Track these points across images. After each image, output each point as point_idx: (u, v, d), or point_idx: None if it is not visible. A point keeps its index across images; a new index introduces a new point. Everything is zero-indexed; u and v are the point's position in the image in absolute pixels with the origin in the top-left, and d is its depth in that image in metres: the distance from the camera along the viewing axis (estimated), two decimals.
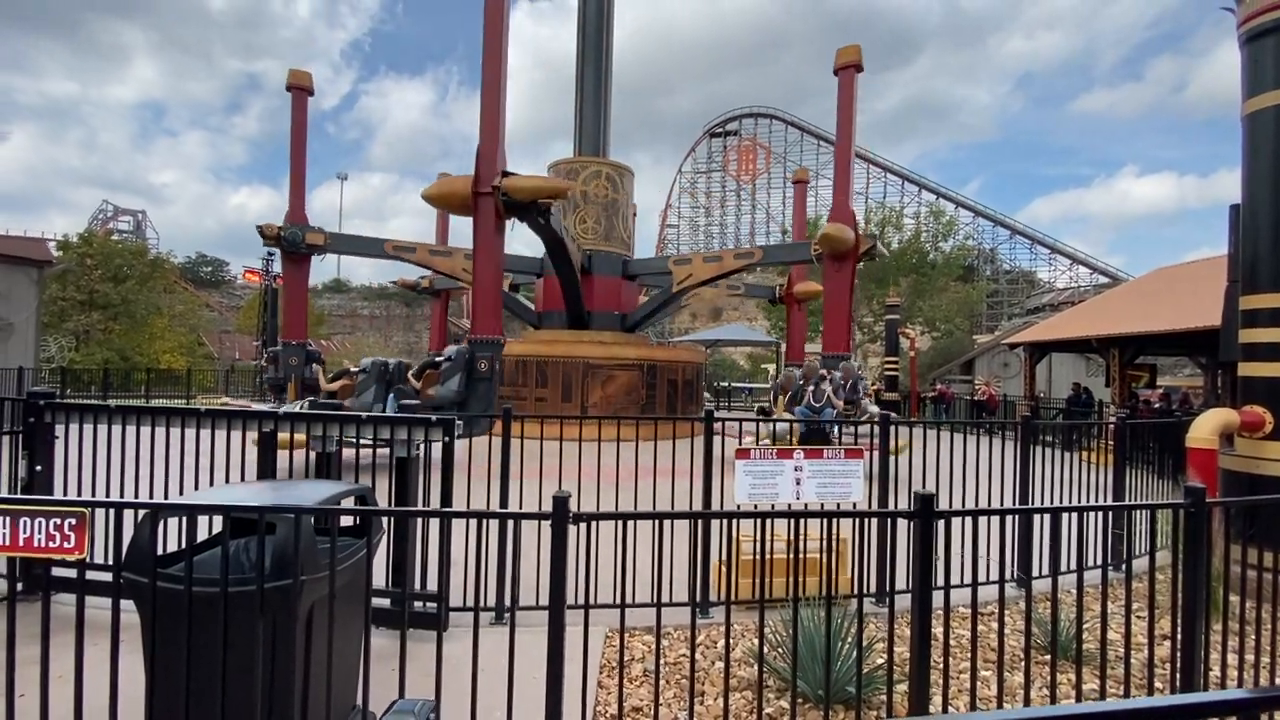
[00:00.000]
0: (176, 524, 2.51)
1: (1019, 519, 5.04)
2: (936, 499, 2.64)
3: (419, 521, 4.05)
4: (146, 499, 4.15)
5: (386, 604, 4.13)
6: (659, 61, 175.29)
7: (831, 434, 9.72)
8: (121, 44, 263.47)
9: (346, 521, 3.06)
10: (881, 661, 3.60)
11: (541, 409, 14.12)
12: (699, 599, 4.42)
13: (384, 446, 4.34)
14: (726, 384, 34.87)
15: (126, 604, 2.36)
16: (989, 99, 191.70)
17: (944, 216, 45.76)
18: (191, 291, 57.32)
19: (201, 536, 2.66)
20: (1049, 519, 2.97)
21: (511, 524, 3.79)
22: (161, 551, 2.38)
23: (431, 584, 4.05)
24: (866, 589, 4.49)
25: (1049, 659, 3.39)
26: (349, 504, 2.89)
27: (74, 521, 2.22)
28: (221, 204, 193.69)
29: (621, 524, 2.66)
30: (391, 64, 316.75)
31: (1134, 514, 5.75)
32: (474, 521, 2.66)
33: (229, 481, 4.60)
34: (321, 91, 16.24)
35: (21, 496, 3.66)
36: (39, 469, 4.47)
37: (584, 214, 16.86)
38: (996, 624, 2.97)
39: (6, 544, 2.22)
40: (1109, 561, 4.25)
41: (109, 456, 4.53)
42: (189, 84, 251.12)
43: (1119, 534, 5.51)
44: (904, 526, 2.75)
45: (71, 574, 3.75)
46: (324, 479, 4.36)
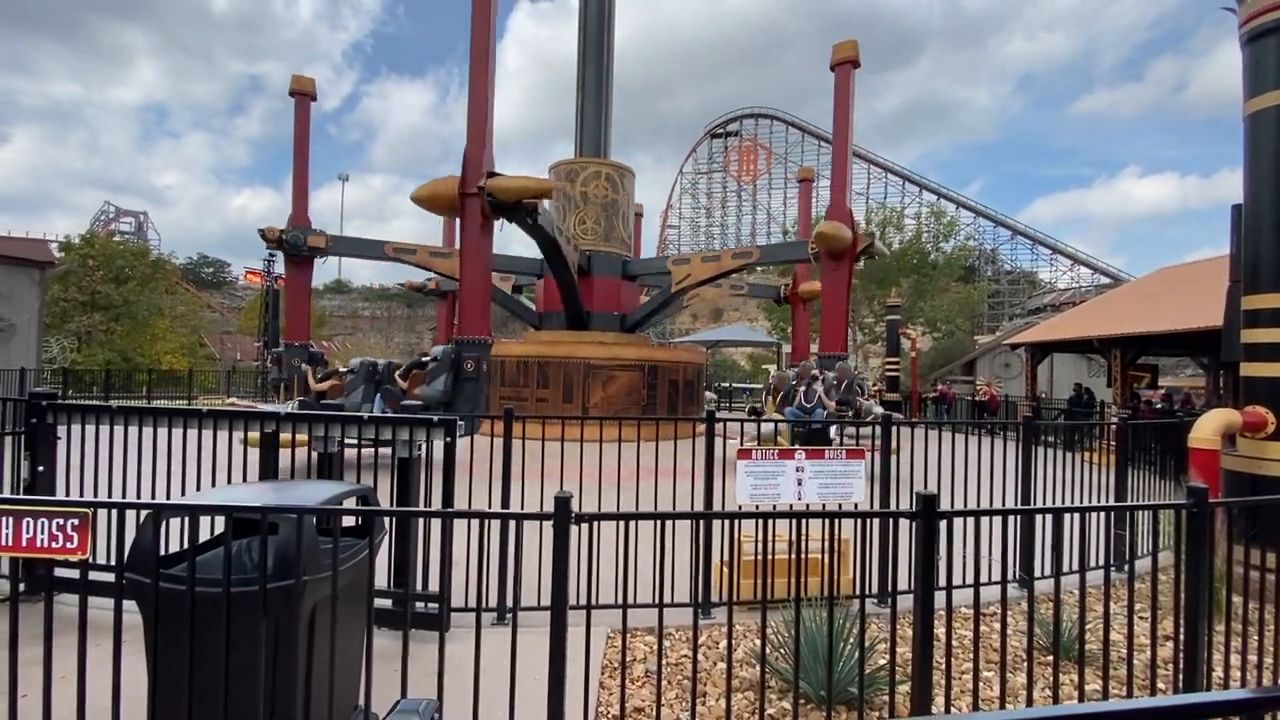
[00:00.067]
0: (179, 524, 2.51)
1: (1021, 519, 5.04)
2: (938, 499, 2.64)
3: (420, 522, 4.05)
4: (149, 499, 4.18)
5: (388, 604, 4.13)
6: (660, 62, 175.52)
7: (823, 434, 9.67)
8: (123, 46, 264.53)
9: (348, 522, 3.06)
10: (883, 662, 3.59)
11: (542, 409, 14.11)
12: (701, 600, 4.42)
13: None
14: (728, 384, 34.86)
15: (129, 604, 2.35)
16: (990, 99, 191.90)
17: (945, 217, 45.79)
18: (193, 293, 57.39)
19: (204, 537, 2.67)
20: (1051, 519, 2.96)
21: (513, 524, 3.80)
22: (164, 552, 2.39)
23: (433, 585, 4.05)
24: (868, 589, 4.50)
25: (1051, 660, 3.39)
26: (351, 504, 2.89)
27: (76, 522, 2.22)
28: (223, 205, 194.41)
29: (623, 524, 2.66)
30: (393, 65, 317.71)
31: (1136, 514, 5.74)
32: (475, 522, 2.66)
33: (231, 482, 4.61)
34: (323, 93, 16.44)
35: (24, 497, 3.67)
36: (41, 469, 4.47)
37: (584, 215, 16.86)
38: (999, 624, 2.96)
39: (9, 544, 2.23)
40: (1111, 562, 4.24)
41: (111, 457, 4.53)
42: (191, 86, 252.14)
43: (1121, 534, 5.51)
44: (906, 527, 2.75)
45: (74, 574, 3.75)
46: (326, 479, 4.36)
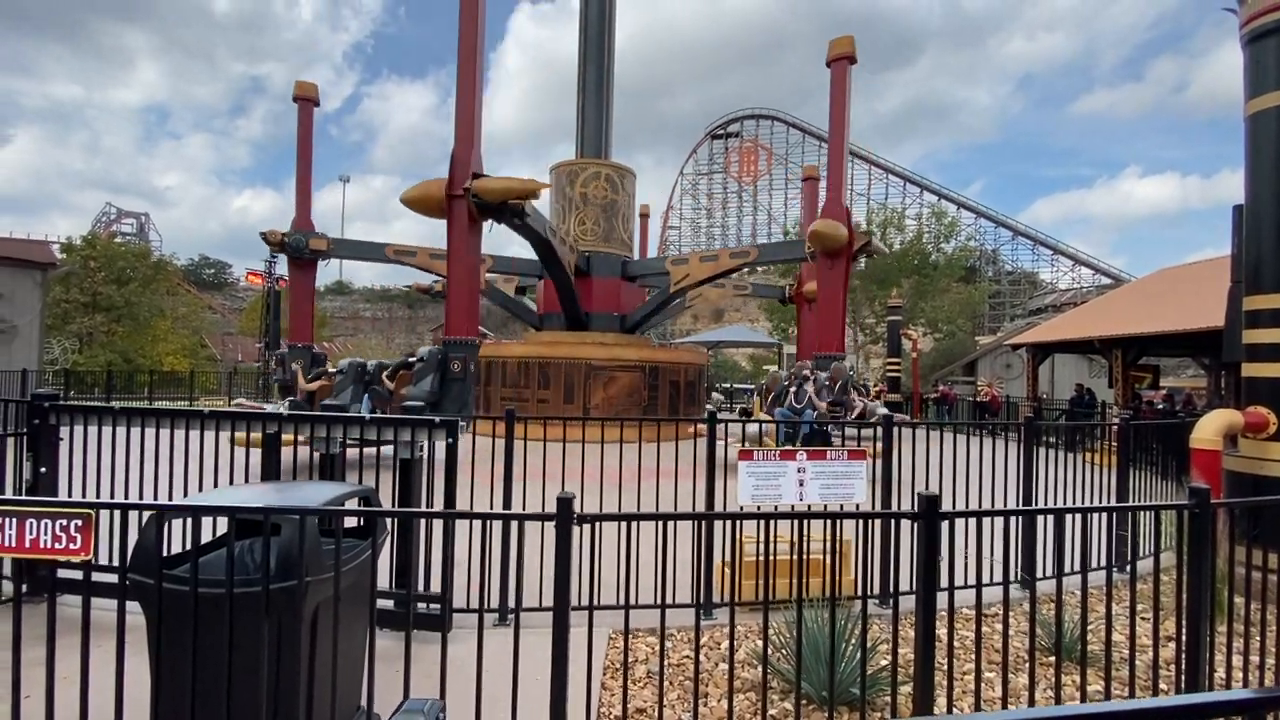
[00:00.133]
0: (181, 525, 2.52)
1: (1023, 520, 5.03)
2: (940, 500, 2.64)
3: (422, 523, 4.05)
4: (151, 500, 4.18)
5: (390, 605, 4.13)
6: (661, 62, 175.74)
7: (815, 435, 9.63)
8: (125, 47, 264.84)
9: (351, 522, 3.06)
10: (885, 663, 3.59)
11: (543, 410, 14.12)
12: (703, 600, 4.42)
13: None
14: (729, 385, 34.85)
15: (132, 605, 2.36)
16: (990, 100, 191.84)
17: (946, 218, 45.77)
18: (194, 294, 57.49)
19: (206, 538, 2.67)
20: (1053, 520, 2.96)
21: (515, 525, 3.80)
22: (167, 553, 2.39)
23: (435, 585, 4.05)
24: (870, 590, 4.50)
25: (1054, 660, 3.38)
26: (353, 505, 2.90)
27: (80, 523, 2.23)
28: (224, 206, 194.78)
29: (625, 525, 2.66)
30: (394, 67, 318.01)
31: (1138, 515, 5.73)
32: (477, 523, 2.66)
33: (233, 483, 4.62)
34: (324, 94, 16.43)
35: (27, 498, 3.67)
36: (43, 471, 4.48)
37: (583, 216, 16.89)
38: (1001, 625, 2.96)
39: (13, 545, 2.23)
40: (1113, 563, 4.24)
41: (113, 458, 4.54)
42: (193, 87, 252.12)
43: (1123, 535, 5.50)
44: (908, 528, 2.75)
45: (77, 575, 3.76)
46: (328, 480, 4.36)
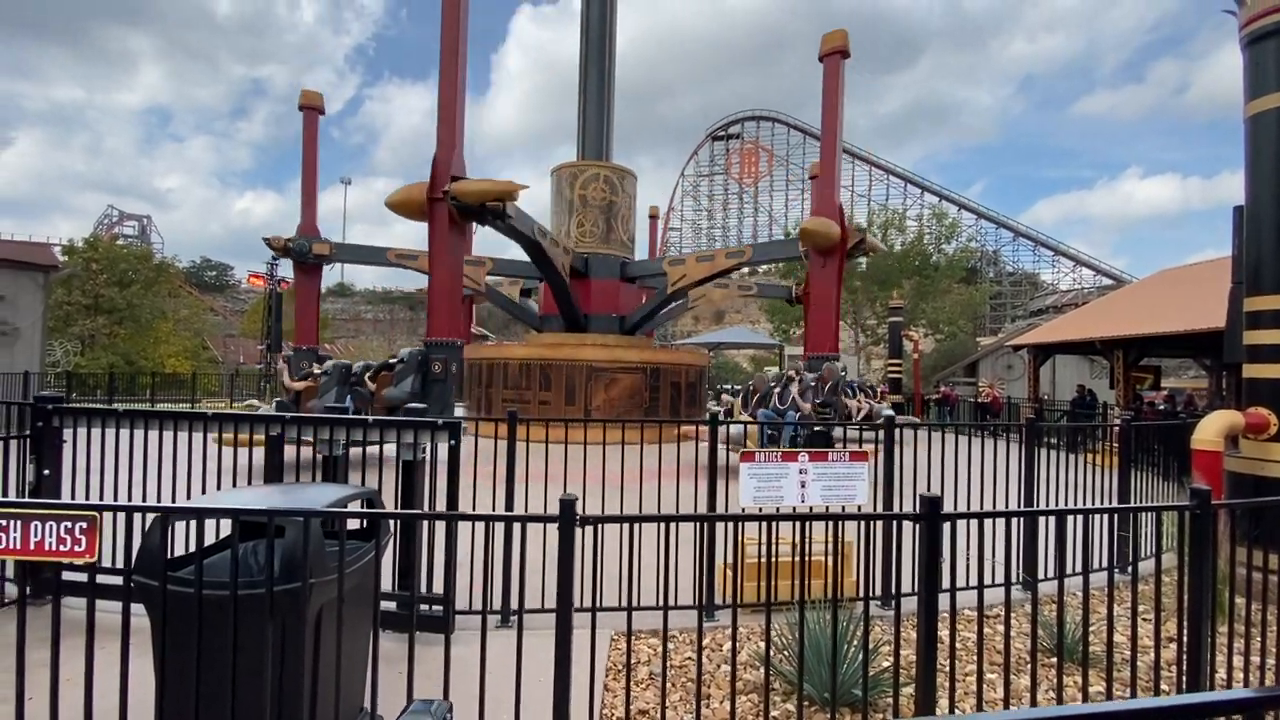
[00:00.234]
0: (185, 527, 2.53)
1: (1024, 521, 5.04)
2: (941, 502, 2.65)
3: (425, 524, 4.06)
4: (155, 503, 4.19)
5: (393, 607, 4.14)
6: (661, 64, 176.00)
7: (797, 436, 9.59)
8: (127, 50, 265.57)
9: (354, 524, 3.07)
10: (887, 664, 3.60)
11: (545, 412, 14.13)
12: (705, 602, 4.42)
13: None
14: (730, 386, 34.81)
15: (136, 607, 2.37)
16: (991, 101, 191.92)
17: (946, 219, 45.75)
18: (196, 296, 57.57)
19: (210, 540, 2.68)
20: (1054, 521, 2.97)
21: (518, 527, 3.81)
22: (171, 555, 2.40)
23: (437, 587, 4.05)
24: (872, 592, 4.50)
25: (1055, 662, 3.39)
26: (356, 508, 2.91)
27: (85, 525, 2.24)
28: (226, 209, 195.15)
29: (627, 527, 2.67)
30: (395, 69, 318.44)
31: (1139, 516, 5.73)
32: (480, 524, 2.67)
33: (236, 485, 4.63)
34: (326, 96, 16.60)
35: (32, 500, 3.69)
36: (46, 473, 4.49)
37: (582, 217, 16.95)
38: (1003, 626, 2.97)
39: (18, 547, 2.24)
40: (1115, 564, 4.24)
41: (116, 461, 4.55)
42: (194, 89, 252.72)
43: (1124, 536, 5.50)
44: (910, 529, 2.76)
45: (80, 578, 3.77)
46: (330, 482, 4.37)
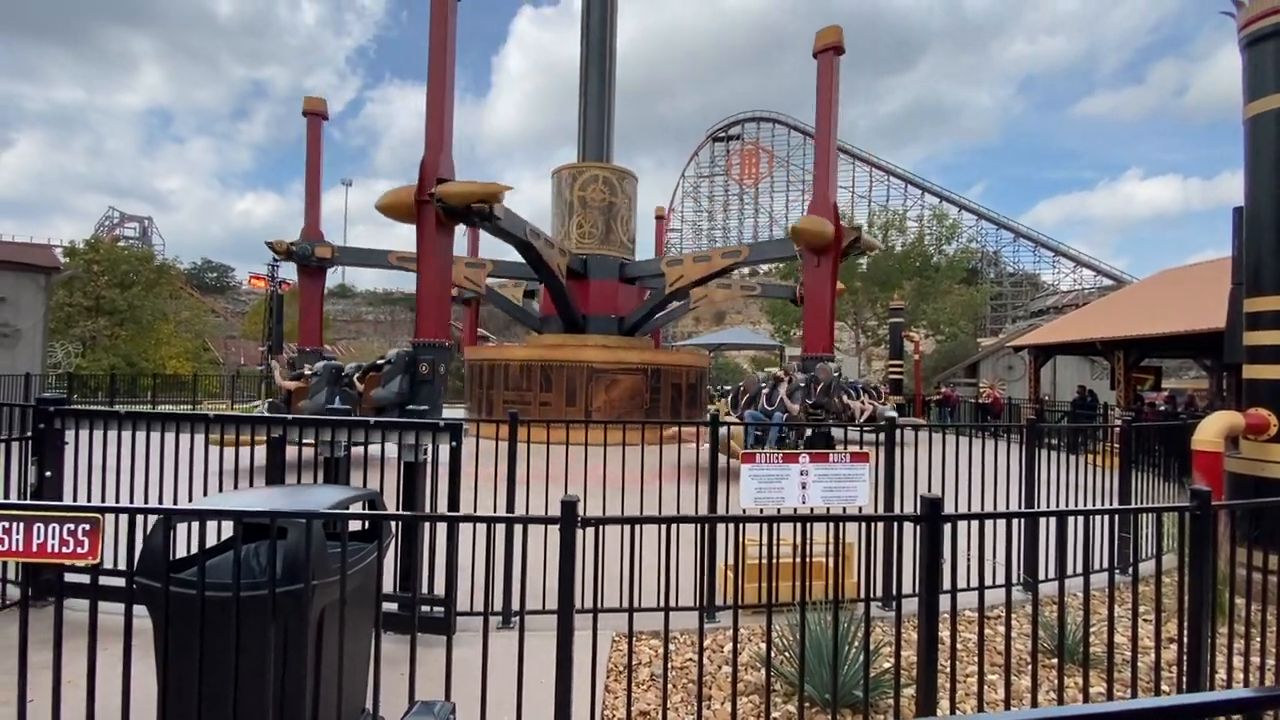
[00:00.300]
0: (187, 529, 2.53)
1: (1025, 522, 5.04)
2: (942, 503, 2.65)
3: (426, 526, 4.07)
4: (157, 504, 4.20)
5: (394, 608, 4.15)
6: (662, 64, 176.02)
7: (785, 437, 9.55)
8: (129, 51, 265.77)
9: (355, 525, 3.08)
10: (888, 665, 3.60)
11: (546, 413, 14.14)
12: (706, 604, 4.42)
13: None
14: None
15: (138, 609, 2.38)
16: (991, 102, 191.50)
17: (947, 220, 45.75)
18: (197, 297, 57.60)
19: (212, 541, 2.69)
20: (1055, 522, 2.97)
21: (519, 528, 3.81)
22: (173, 557, 2.41)
23: (439, 588, 4.06)
24: (873, 593, 4.50)
25: (1056, 663, 3.39)
26: (358, 509, 2.91)
27: (88, 527, 2.24)
28: (227, 210, 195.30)
29: (628, 528, 2.67)
30: (396, 70, 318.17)
31: (1140, 517, 5.73)
32: (481, 526, 2.67)
33: (238, 486, 4.64)
34: (327, 98, 16.85)
35: (35, 503, 3.70)
36: (49, 475, 4.50)
37: (581, 219, 17.01)
38: (1003, 627, 2.97)
39: (20, 550, 2.25)
40: (1115, 565, 4.24)
41: (119, 462, 4.56)
42: (196, 91, 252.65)
43: (1125, 537, 5.50)
44: (910, 530, 2.76)
45: (82, 579, 3.78)
46: (332, 484, 4.38)
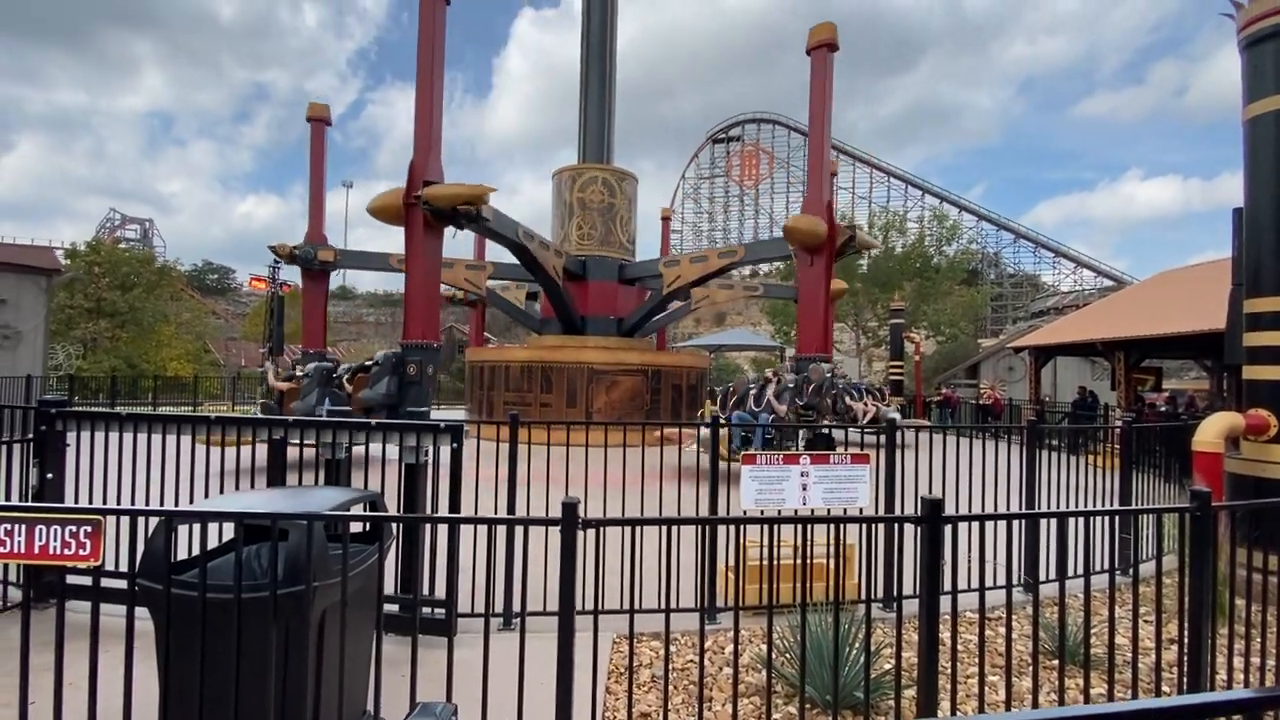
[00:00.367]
0: (189, 531, 2.54)
1: (1026, 524, 5.04)
2: (943, 504, 2.65)
3: (428, 527, 4.07)
4: (158, 506, 4.20)
5: (395, 610, 4.15)
6: (662, 66, 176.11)
7: (772, 439, 9.54)
8: (131, 55, 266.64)
9: (356, 526, 3.08)
10: (889, 667, 3.60)
11: (546, 414, 14.15)
12: (706, 605, 4.42)
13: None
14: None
15: (140, 611, 2.38)
16: (991, 103, 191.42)
17: (947, 221, 45.75)
18: (198, 299, 57.61)
19: (213, 543, 2.69)
20: (1056, 523, 2.97)
21: (520, 530, 3.82)
22: (175, 558, 2.41)
23: (440, 590, 4.07)
24: (874, 594, 4.50)
25: (1057, 664, 3.39)
26: (359, 510, 2.92)
27: (89, 529, 2.25)
28: (228, 212, 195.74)
29: (629, 529, 2.67)
30: (397, 73, 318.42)
31: (1140, 518, 5.74)
32: (482, 527, 2.68)
33: (239, 487, 4.64)
34: (328, 99, 16.99)
35: (37, 504, 3.70)
36: (50, 477, 4.51)
37: (580, 220, 17.06)
38: (1004, 629, 2.98)
39: (22, 552, 2.25)
40: (1116, 566, 4.24)
41: (120, 464, 4.57)
42: (197, 93, 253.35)
43: (1126, 538, 5.50)
44: (911, 532, 2.76)
45: (84, 581, 3.78)
46: (334, 485, 4.39)
